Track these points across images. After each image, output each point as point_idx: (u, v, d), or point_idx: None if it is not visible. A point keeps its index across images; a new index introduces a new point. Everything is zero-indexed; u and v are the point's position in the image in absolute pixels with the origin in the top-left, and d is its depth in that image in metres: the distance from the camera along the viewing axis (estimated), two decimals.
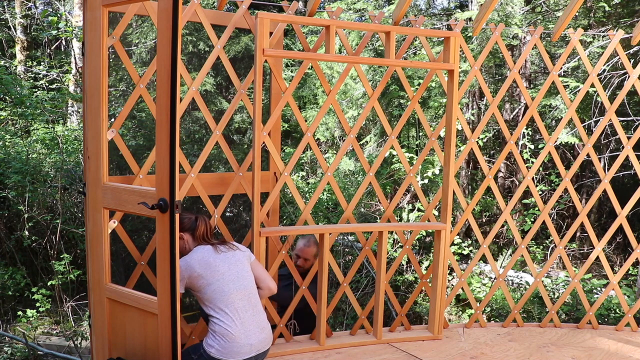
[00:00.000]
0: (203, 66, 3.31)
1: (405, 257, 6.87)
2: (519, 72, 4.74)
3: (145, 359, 2.73)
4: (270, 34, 3.39)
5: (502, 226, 8.54)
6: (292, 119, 10.02)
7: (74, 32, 8.46)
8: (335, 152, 9.99)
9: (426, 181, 7.51)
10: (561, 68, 4.73)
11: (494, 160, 9.35)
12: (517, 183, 9.35)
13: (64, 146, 6.84)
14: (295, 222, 6.02)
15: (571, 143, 7.90)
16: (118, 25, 3.13)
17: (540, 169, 8.25)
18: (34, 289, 5.73)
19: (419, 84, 7.73)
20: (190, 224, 2.90)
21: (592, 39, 7.61)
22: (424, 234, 7.76)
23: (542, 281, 4.18)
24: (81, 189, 3.03)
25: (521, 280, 7.52)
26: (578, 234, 9.20)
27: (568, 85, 7.29)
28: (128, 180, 3.24)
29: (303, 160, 9.19)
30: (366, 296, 6.54)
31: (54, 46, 11.67)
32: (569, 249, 8.36)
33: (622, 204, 4.13)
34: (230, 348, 2.65)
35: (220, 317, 2.68)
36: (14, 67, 10.05)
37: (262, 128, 3.28)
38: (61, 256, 5.88)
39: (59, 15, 9.71)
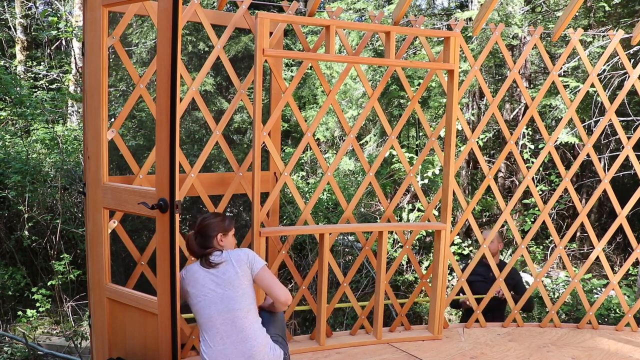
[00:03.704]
0: (203, 66, 3.31)
1: (405, 257, 6.88)
2: (519, 72, 4.74)
3: (145, 359, 2.73)
4: (270, 34, 3.39)
5: (502, 226, 8.54)
6: (292, 119, 10.02)
7: (74, 32, 8.46)
8: (335, 152, 9.99)
9: (426, 181, 7.51)
10: (561, 68, 4.73)
11: (494, 160, 9.35)
12: (517, 183, 9.35)
13: (64, 146, 6.84)
14: (295, 222, 6.02)
15: (571, 143, 7.90)
16: (118, 25, 3.13)
17: (540, 169, 8.25)
18: (34, 289, 5.73)
19: (419, 84, 7.73)
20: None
21: (592, 39, 7.60)
22: (424, 234, 7.76)
23: (542, 281, 4.18)
24: (81, 189, 3.03)
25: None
26: (578, 234, 9.20)
27: (568, 85, 7.29)
28: (128, 180, 3.24)
29: (303, 160, 9.20)
30: (366, 296, 6.54)
31: (54, 46, 11.66)
32: (569, 249, 8.37)
33: (622, 204, 4.12)
34: None
35: (201, 340, 2.57)
36: (14, 67, 10.05)
37: (262, 128, 3.28)
38: (61, 256, 5.88)
39: (59, 15, 9.71)
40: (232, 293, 2.55)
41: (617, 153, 4.78)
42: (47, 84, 9.35)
